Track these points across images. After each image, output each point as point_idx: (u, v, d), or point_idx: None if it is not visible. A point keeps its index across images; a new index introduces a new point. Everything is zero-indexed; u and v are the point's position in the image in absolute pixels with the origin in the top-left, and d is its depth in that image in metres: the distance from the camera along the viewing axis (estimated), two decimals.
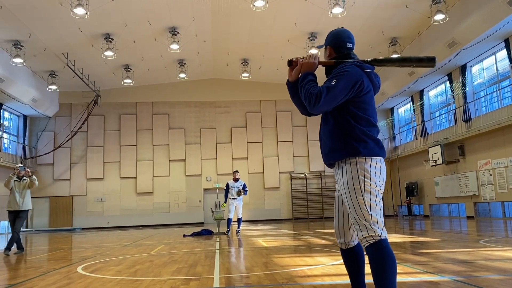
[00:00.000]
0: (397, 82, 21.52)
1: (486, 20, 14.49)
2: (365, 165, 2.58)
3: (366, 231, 2.51)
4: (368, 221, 2.52)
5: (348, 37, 2.88)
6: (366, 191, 2.55)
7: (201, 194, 24.68)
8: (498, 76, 16.76)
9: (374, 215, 2.53)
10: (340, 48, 2.84)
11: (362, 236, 2.53)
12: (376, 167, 2.61)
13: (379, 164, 2.63)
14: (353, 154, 2.60)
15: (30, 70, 20.68)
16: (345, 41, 2.85)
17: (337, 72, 2.63)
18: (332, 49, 2.85)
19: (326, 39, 2.92)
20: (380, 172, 2.63)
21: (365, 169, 2.58)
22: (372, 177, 2.58)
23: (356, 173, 2.58)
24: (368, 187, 2.56)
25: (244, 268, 5.37)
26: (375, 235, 2.49)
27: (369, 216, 2.52)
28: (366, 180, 2.56)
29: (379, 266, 2.44)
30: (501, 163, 16.14)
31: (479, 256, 5.59)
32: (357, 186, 2.56)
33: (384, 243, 2.48)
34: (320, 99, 2.51)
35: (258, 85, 25.23)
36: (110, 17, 16.58)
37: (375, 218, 2.52)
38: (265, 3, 14.83)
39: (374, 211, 2.54)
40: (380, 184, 2.62)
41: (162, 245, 9.43)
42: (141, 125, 25.02)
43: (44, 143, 24.12)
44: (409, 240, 8.67)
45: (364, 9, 16.38)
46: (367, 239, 2.50)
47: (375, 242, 2.49)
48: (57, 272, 5.52)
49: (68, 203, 24.05)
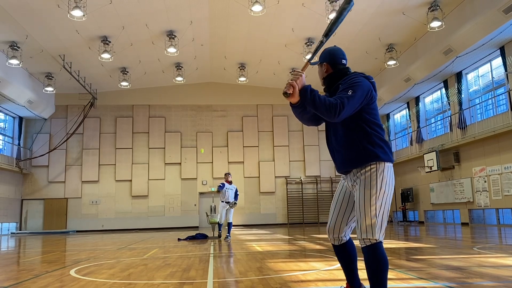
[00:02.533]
0: (393, 88, 21.61)
1: (482, 28, 14.59)
2: (383, 171, 2.76)
3: (366, 234, 2.71)
4: (372, 225, 2.71)
5: (342, 54, 3.14)
6: (379, 197, 2.73)
7: (197, 198, 24.63)
8: (493, 83, 16.87)
9: (380, 221, 2.72)
10: (336, 64, 3.09)
11: (361, 237, 2.75)
12: (389, 172, 2.80)
13: (391, 169, 2.83)
14: (373, 160, 2.77)
15: (26, 71, 20.62)
16: (340, 58, 3.11)
17: (351, 83, 2.85)
18: (329, 65, 3.09)
19: (321, 56, 3.16)
20: (392, 178, 2.81)
21: (383, 175, 2.75)
22: (388, 183, 2.76)
23: (374, 178, 2.75)
24: (382, 193, 2.73)
25: (238, 272, 5.35)
26: (373, 238, 2.70)
27: (375, 221, 2.71)
28: (382, 186, 2.74)
29: (373, 266, 2.69)
30: (496, 170, 16.21)
31: (473, 262, 5.60)
32: (373, 191, 2.73)
33: (379, 246, 2.70)
34: (344, 108, 2.68)
35: (255, 89, 25.27)
36: (108, 19, 16.59)
37: (379, 223, 2.72)
38: (263, 8, 14.87)
39: (380, 217, 2.72)
40: (391, 190, 2.79)
41: (156, 249, 9.39)
42: (137, 128, 24.98)
43: (39, 145, 24.02)
44: (404, 246, 8.67)
45: (361, 15, 16.47)
46: (365, 241, 2.73)
47: (371, 244, 2.71)
48: (49, 275, 5.49)
49: (63, 206, 23.93)
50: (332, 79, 3.06)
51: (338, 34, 17.96)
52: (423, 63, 18.40)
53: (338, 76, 3.03)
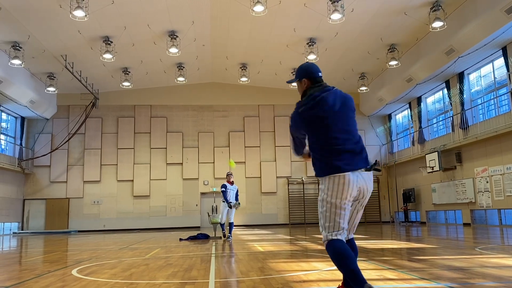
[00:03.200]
0: (395, 88, 21.59)
1: (484, 28, 14.57)
2: (323, 183, 3.19)
3: (323, 233, 3.18)
4: (320, 226, 3.18)
5: (318, 68, 3.40)
6: (321, 204, 3.16)
7: (198, 198, 24.64)
8: (496, 83, 16.84)
9: (322, 223, 3.14)
10: (315, 78, 3.34)
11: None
12: (329, 183, 3.11)
13: (333, 180, 3.10)
14: (317, 175, 3.33)
15: (28, 71, 20.67)
16: (317, 72, 3.36)
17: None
18: (308, 80, 3.34)
19: (298, 73, 3.40)
20: (331, 187, 3.09)
21: (323, 186, 3.18)
22: (326, 192, 3.13)
23: (320, 189, 3.26)
24: (322, 200, 3.15)
25: (240, 272, 5.35)
26: (325, 239, 3.11)
27: (321, 223, 3.16)
28: (322, 194, 3.17)
29: (332, 260, 3.08)
30: (498, 171, 16.18)
31: (475, 263, 5.59)
32: (319, 199, 3.20)
33: (329, 244, 3.07)
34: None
35: (256, 89, 25.27)
36: (110, 20, 16.61)
37: (323, 225, 3.13)
38: (265, 8, 14.87)
39: (323, 220, 3.14)
40: (332, 197, 3.08)
41: (158, 249, 9.40)
42: (139, 128, 25.00)
43: (41, 145, 24.06)
44: (405, 246, 8.66)
45: (363, 15, 16.46)
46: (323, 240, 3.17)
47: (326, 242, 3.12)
48: (51, 274, 5.49)
49: (65, 206, 23.97)
50: (302, 97, 3.39)
51: (339, 35, 17.98)
52: (425, 63, 18.38)
53: (303, 96, 3.39)
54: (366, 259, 6.30)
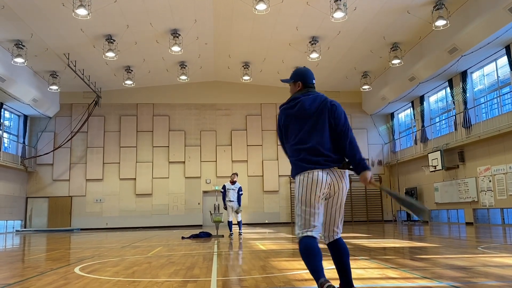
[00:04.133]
0: (397, 87, 21.55)
1: (487, 26, 14.52)
2: (296, 182, 3.28)
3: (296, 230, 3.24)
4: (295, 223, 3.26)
5: (313, 75, 3.51)
6: (295, 202, 3.27)
7: (200, 197, 24.66)
8: (499, 82, 16.78)
9: (297, 220, 3.20)
10: (307, 83, 3.45)
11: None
12: (300, 181, 3.18)
13: (302, 178, 3.17)
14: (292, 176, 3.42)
15: (31, 70, 20.71)
16: (311, 78, 3.48)
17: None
18: (302, 84, 3.46)
19: (294, 75, 3.51)
20: (303, 185, 3.16)
21: (296, 185, 3.26)
22: (298, 190, 3.21)
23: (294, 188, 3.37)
24: (296, 199, 3.25)
25: (242, 271, 5.36)
26: (297, 236, 3.19)
27: (296, 220, 3.24)
28: (297, 193, 3.23)
29: (301, 256, 3.15)
30: (501, 170, 16.14)
31: (477, 262, 5.58)
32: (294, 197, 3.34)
33: (299, 241, 3.15)
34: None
35: (258, 88, 25.25)
36: (112, 18, 16.62)
37: (296, 222, 3.21)
38: (267, 7, 14.86)
39: (297, 217, 3.20)
40: (304, 195, 3.14)
41: (160, 247, 9.41)
42: (141, 126, 25.04)
43: (44, 143, 24.12)
44: (408, 245, 8.65)
45: (366, 14, 16.42)
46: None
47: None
48: (54, 272, 5.51)
49: (67, 204, 24.03)
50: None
51: (342, 33, 17.95)
52: (428, 62, 18.33)
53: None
54: (368, 258, 6.29)
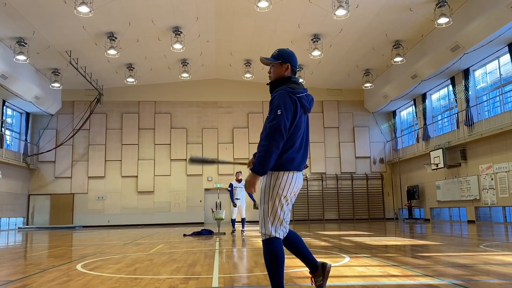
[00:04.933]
0: (399, 85, 21.50)
1: (490, 24, 14.47)
2: (277, 177, 3.04)
3: (263, 229, 3.04)
4: (265, 220, 3.04)
5: (297, 59, 3.24)
6: (271, 197, 3.03)
7: (202, 194, 24.69)
8: (501, 80, 16.73)
9: (272, 218, 3.02)
10: (295, 69, 3.19)
11: (260, 232, 3.08)
12: (283, 179, 3.02)
13: (286, 176, 3.03)
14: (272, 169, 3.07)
15: (33, 67, 20.73)
16: (297, 63, 3.21)
17: (278, 100, 3.00)
18: (290, 67, 3.15)
19: (284, 55, 3.16)
20: (287, 184, 3.03)
21: (276, 179, 3.04)
22: (280, 188, 3.02)
23: (269, 181, 3.05)
24: (275, 194, 3.03)
25: (244, 268, 5.37)
26: (265, 233, 3.02)
27: (266, 217, 3.04)
28: (275, 188, 3.03)
29: (266, 260, 3.01)
30: (503, 168, 16.11)
31: (479, 260, 5.58)
32: (267, 192, 3.06)
33: (273, 241, 3.00)
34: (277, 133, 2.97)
35: (260, 86, 25.19)
36: (114, 15, 16.62)
37: (271, 220, 3.02)
38: (269, 4, 14.83)
39: (273, 215, 3.03)
40: (285, 193, 3.02)
41: (162, 244, 9.43)
42: (143, 124, 25.06)
43: (46, 140, 24.16)
44: (409, 243, 8.65)
45: (368, 11, 16.38)
46: (263, 235, 3.06)
47: (265, 239, 3.03)
48: (56, 269, 5.53)
49: (69, 201, 24.09)
50: (281, 82, 3.12)
51: (344, 31, 17.92)
52: (430, 60, 18.29)
53: (285, 81, 3.11)
54: (370, 255, 6.30)
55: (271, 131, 2.88)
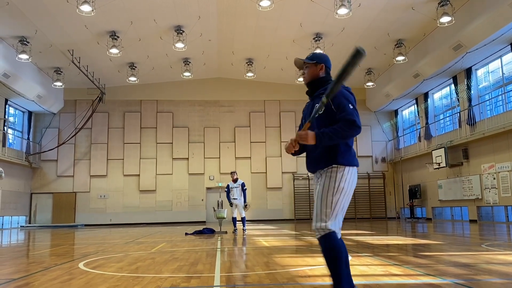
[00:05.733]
0: (402, 84, 21.47)
1: (492, 23, 14.43)
2: (342, 172, 2.96)
3: (320, 223, 2.95)
4: (327, 215, 2.93)
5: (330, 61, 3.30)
6: (336, 193, 2.94)
7: (204, 193, 24.71)
8: (504, 79, 16.69)
9: (335, 213, 2.93)
10: (328, 70, 3.24)
11: (315, 227, 2.97)
12: (349, 174, 2.97)
13: (352, 172, 3.00)
14: (334, 163, 2.97)
15: (35, 66, 20.77)
16: (330, 66, 3.26)
17: (346, 97, 2.99)
18: (325, 68, 3.22)
19: (318, 57, 3.26)
20: (352, 180, 2.99)
21: (342, 175, 2.96)
22: (346, 183, 2.96)
23: (334, 177, 2.96)
24: (340, 190, 2.95)
25: (245, 267, 5.38)
26: (326, 228, 2.90)
27: (330, 211, 2.93)
28: (340, 184, 2.95)
29: (328, 256, 2.87)
30: (505, 167, 16.07)
31: (481, 259, 5.57)
32: (331, 187, 2.95)
33: (333, 236, 2.89)
34: (356, 126, 2.86)
35: (262, 85, 25.23)
36: (116, 14, 16.63)
37: (334, 215, 2.92)
38: (271, 3, 14.82)
39: (336, 210, 2.94)
40: (349, 190, 2.98)
41: (164, 243, 9.45)
42: (145, 123, 25.08)
43: (48, 139, 24.21)
44: (411, 242, 8.65)
45: (370, 10, 16.35)
46: (319, 231, 2.95)
47: (325, 234, 2.91)
48: (58, 267, 5.55)
49: (71, 200, 24.14)
50: (320, 83, 3.17)
51: (346, 30, 17.89)
52: (432, 59, 18.25)
53: (324, 82, 3.16)
54: (371, 254, 6.30)
55: (351, 122, 2.86)
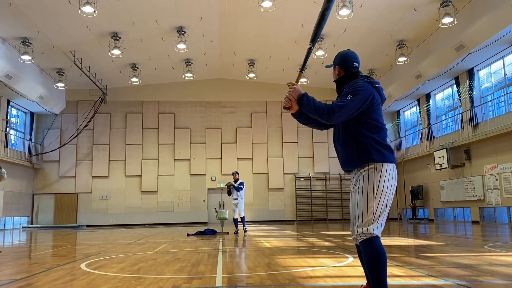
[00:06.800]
0: (403, 85, 21.44)
1: (494, 24, 14.40)
2: (380, 171, 2.84)
3: (361, 229, 2.82)
4: (369, 220, 2.81)
5: (354, 57, 3.22)
6: (376, 195, 2.81)
7: (205, 194, 24.72)
8: (506, 80, 16.65)
9: (377, 217, 2.81)
10: (347, 68, 3.19)
11: (357, 233, 2.85)
12: (388, 172, 2.86)
13: (391, 169, 2.89)
14: (369, 161, 2.87)
15: (38, 67, 20.82)
16: (352, 61, 3.20)
17: (352, 88, 2.96)
18: (341, 68, 3.22)
19: (334, 59, 3.31)
20: (392, 178, 2.88)
21: (380, 174, 2.83)
22: (386, 182, 2.83)
23: (372, 177, 2.84)
24: (380, 191, 2.82)
25: (247, 268, 5.37)
26: (368, 233, 2.79)
27: (372, 217, 2.81)
28: (380, 185, 2.82)
29: (369, 260, 2.77)
30: (508, 168, 16.03)
31: (483, 260, 5.56)
32: (370, 189, 2.82)
33: (375, 240, 2.79)
34: (338, 112, 2.84)
35: (264, 85, 25.23)
36: (118, 15, 16.66)
37: (376, 219, 2.81)
38: (273, 4, 14.83)
39: (378, 214, 2.82)
40: (390, 189, 2.86)
41: (166, 244, 9.45)
42: (147, 123, 25.11)
43: (50, 140, 24.26)
44: (413, 243, 8.63)
45: (372, 11, 16.34)
46: (361, 236, 2.83)
47: (366, 238, 2.81)
48: (60, 268, 5.55)
49: (73, 200, 24.17)
50: (342, 82, 3.19)
51: (348, 30, 17.88)
52: (434, 60, 18.23)
53: (348, 79, 3.16)
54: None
55: (331, 109, 2.87)
